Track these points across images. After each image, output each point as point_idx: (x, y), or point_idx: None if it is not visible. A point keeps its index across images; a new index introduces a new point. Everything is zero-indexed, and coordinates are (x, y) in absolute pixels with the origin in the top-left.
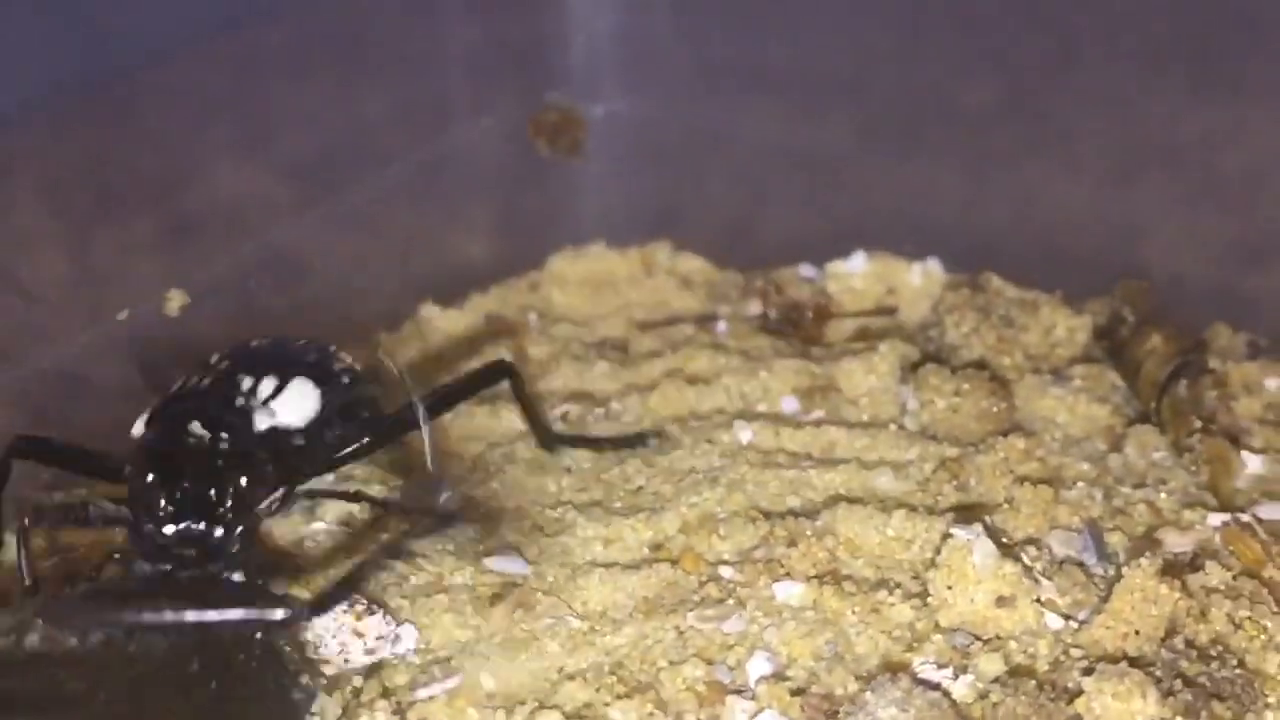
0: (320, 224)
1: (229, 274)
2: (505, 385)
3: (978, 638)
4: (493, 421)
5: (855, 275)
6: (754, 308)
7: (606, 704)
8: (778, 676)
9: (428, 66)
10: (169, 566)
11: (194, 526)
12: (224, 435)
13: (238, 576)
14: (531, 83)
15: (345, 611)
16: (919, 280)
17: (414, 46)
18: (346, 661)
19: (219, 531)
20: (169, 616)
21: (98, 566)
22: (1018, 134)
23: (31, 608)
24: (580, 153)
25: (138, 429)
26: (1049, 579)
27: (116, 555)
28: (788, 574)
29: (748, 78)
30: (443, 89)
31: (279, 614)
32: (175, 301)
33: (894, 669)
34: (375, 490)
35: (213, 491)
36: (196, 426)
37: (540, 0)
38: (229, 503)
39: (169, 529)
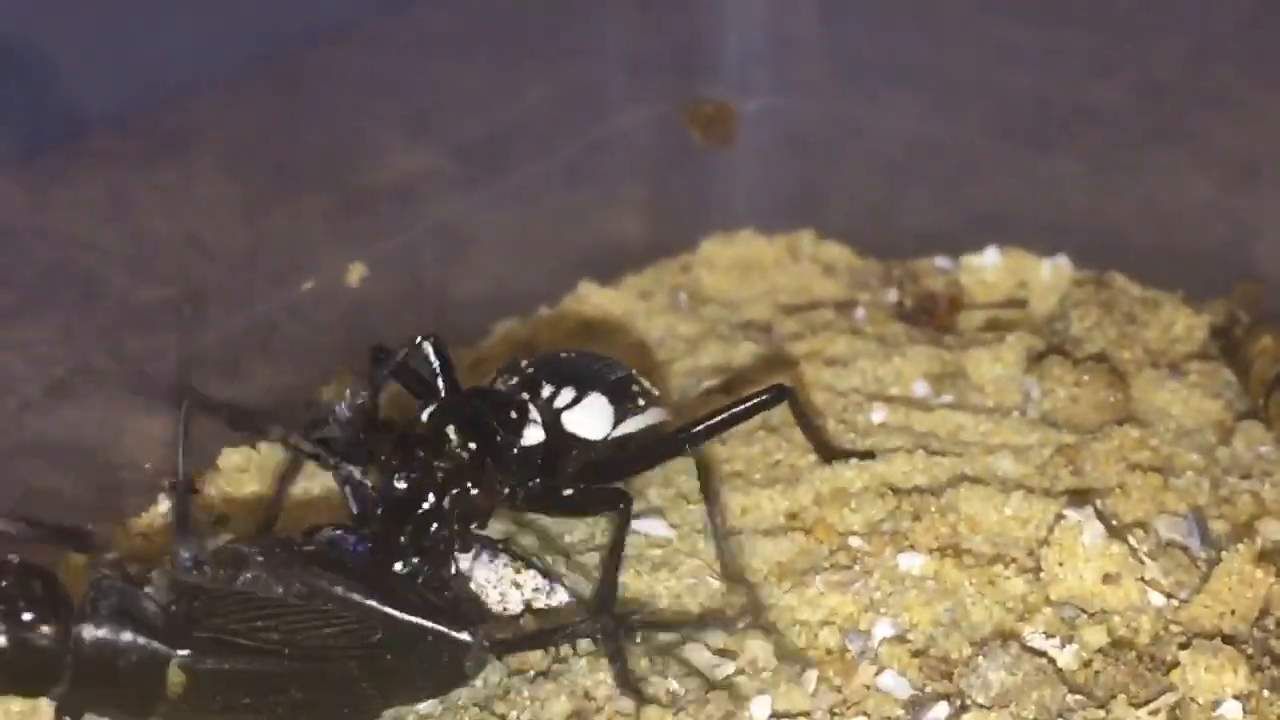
0: (486, 202)
1: (402, 248)
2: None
3: (1084, 611)
4: None
5: (988, 268)
6: (891, 296)
7: (738, 646)
8: (899, 639)
9: (590, 57)
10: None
11: (421, 523)
12: (488, 440)
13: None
14: (688, 75)
15: (505, 565)
16: (1048, 275)
17: (578, 37)
18: (505, 610)
19: (441, 532)
20: (370, 602)
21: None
22: (1147, 132)
23: (257, 549)
24: (732, 143)
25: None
26: (1154, 560)
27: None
28: (911, 546)
29: (890, 74)
30: (603, 78)
31: (465, 638)
32: (355, 273)
33: (1005, 636)
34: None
35: (444, 498)
36: (456, 428)
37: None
38: (456, 510)
39: (398, 515)
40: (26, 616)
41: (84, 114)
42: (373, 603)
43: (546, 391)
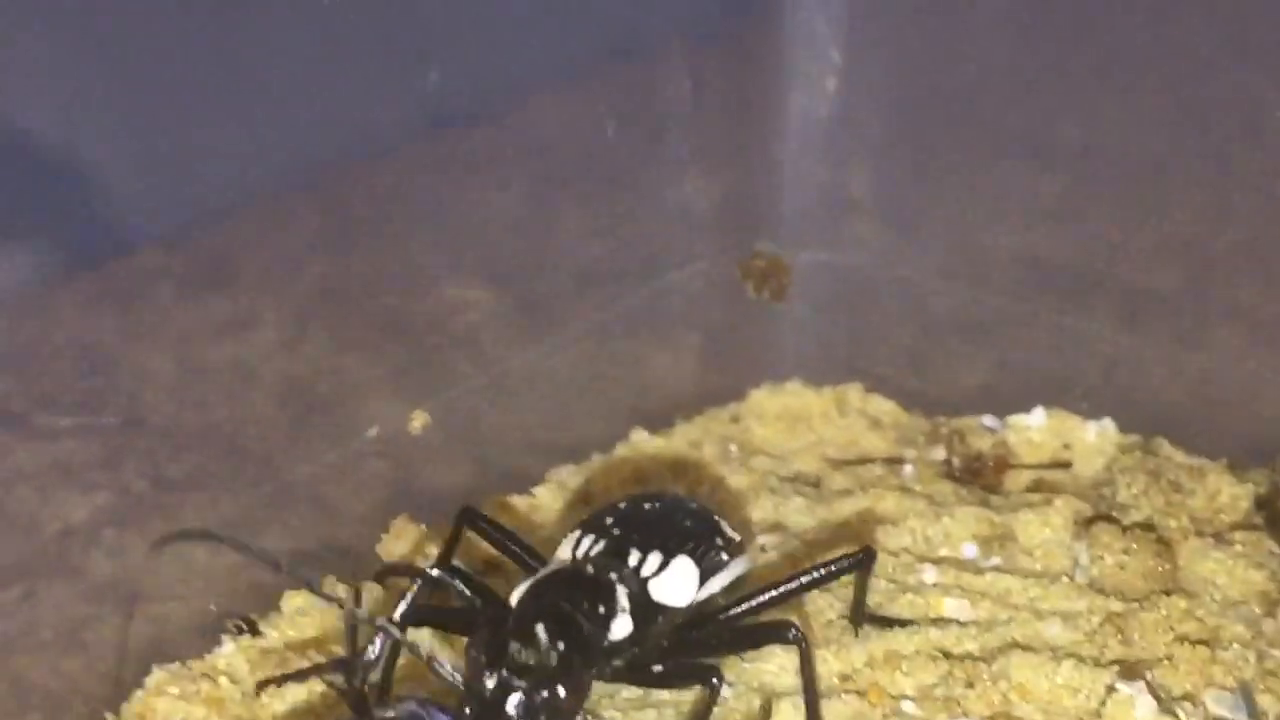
0: (544, 350)
1: (464, 396)
2: None
3: None
4: None
5: (1034, 429)
6: (939, 453)
7: None
8: None
9: (649, 210)
10: None
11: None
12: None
13: None
14: (743, 230)
15: None
16: (1093, 437)
17: (639, 191)
18: None
19: None
20: None
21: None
22: (1195, 303)
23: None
24: (784, 296)
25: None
26: None
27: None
28: (964, 713)
29: (940, 235)
30: (661, 231)
31: None
32: (418, 421)
33: None
34: None
35: (532, 699)
36: (545, 626)
37: (755, 159)
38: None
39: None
40: None
41: (132, 231)
42: None
43: (634, 560)
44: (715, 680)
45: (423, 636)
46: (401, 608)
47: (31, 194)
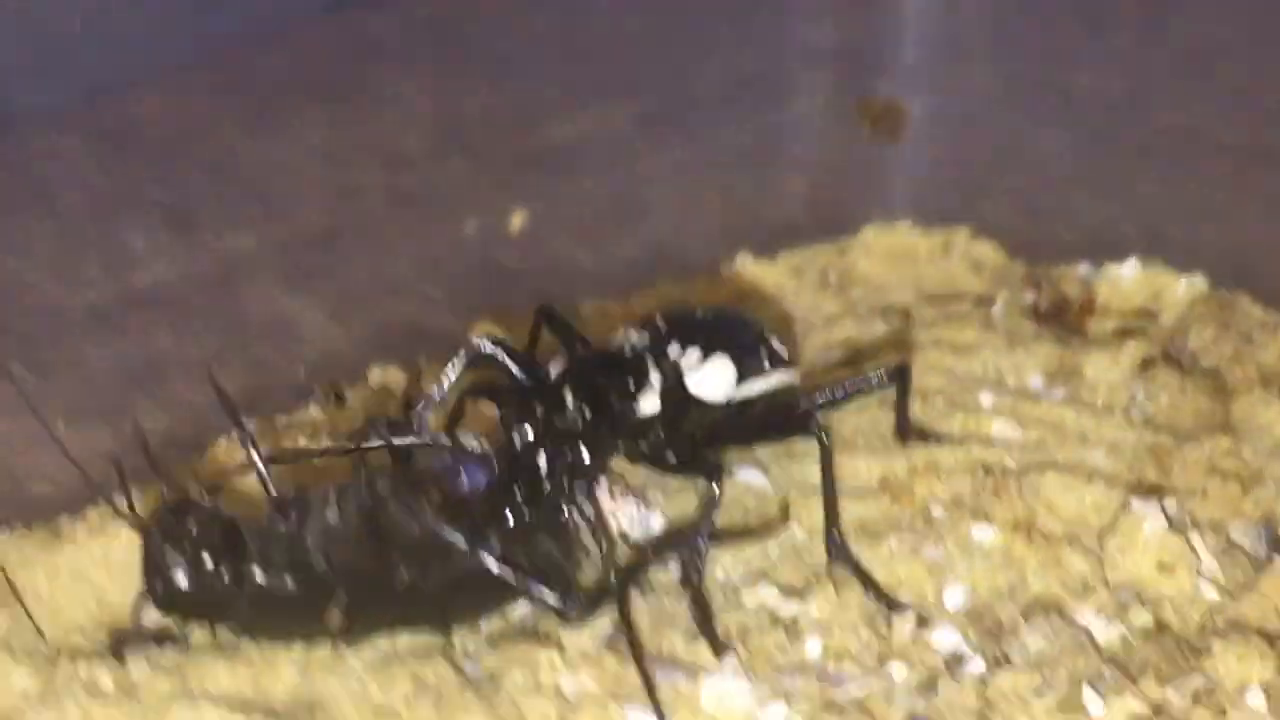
0: (658, 170)
1: (569, 203)
2: None
3: (1139, 596)
4: None
5: (1126, 279)
6: (1029, 296)
7: (807, 590)
8: (958, 602)
9: (772, 43)
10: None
11: (532, 481)
12: (604, 407)
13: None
14: (863, 70)
15: (604, 494)
16: (1183, 291)
17: (764, 23)
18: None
19: (550, 492)
20: (477, 559)
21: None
22: None
23: (389, 485)
24: (899, 138)
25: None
26: (1215, 558)
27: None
28: (987, 519)
29: (1054, 88)
30: (782, 65)
31: (553, 601)
32: (517, 220)
33: (1053, 609)
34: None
35: (556, 460)
36: (574, 393)
37: (882, 3)
38: (566, 472)
39: (511, 470)
40: (208, 563)
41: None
42: (479, 560)
43: (673, 351)
44: (715, 473)
45: None
46: (451, 377)
47: None
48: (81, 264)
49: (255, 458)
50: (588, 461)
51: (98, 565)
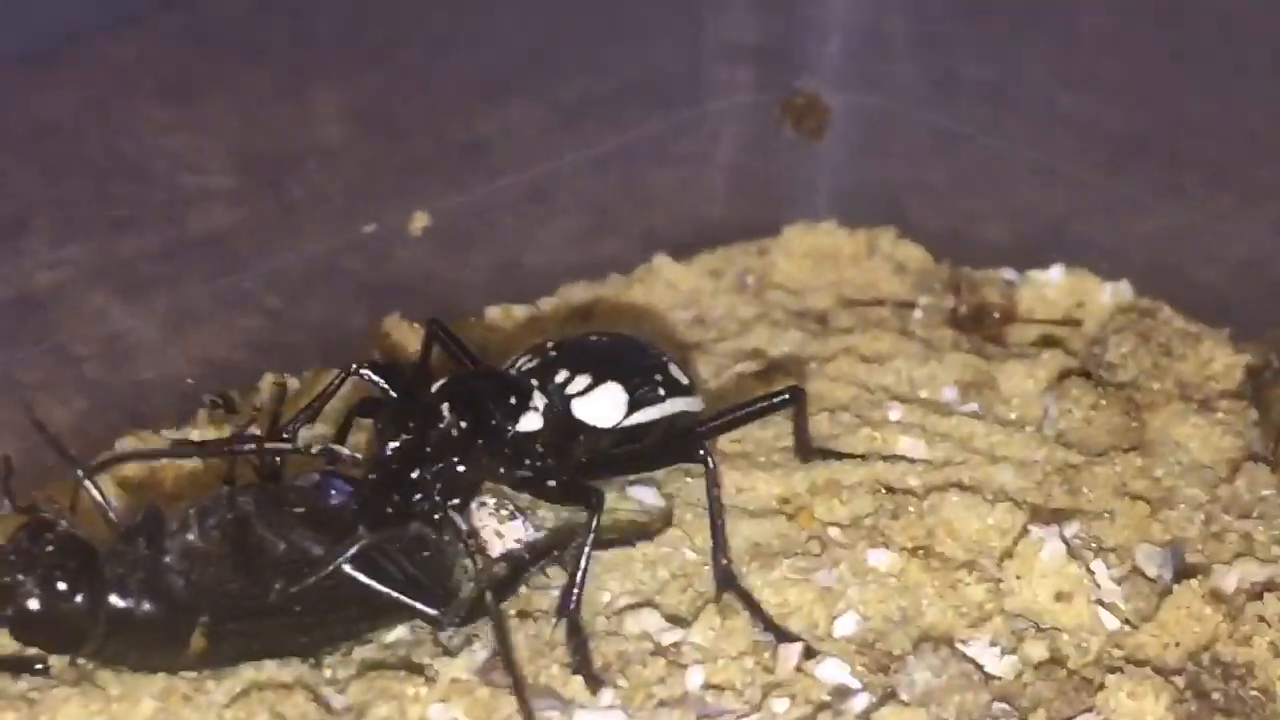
0: (570, 168)
1: (476, 202)
2: None
3: (1036, 625)
4: None
5: (1050, 285)
6: (949, 301)
7: (692, 616)
8: (847, 630)
9: (690, 38)
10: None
11: (405, 491)
12: (482, 421)
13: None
14: (784, 67)
15: (490, 514)
16: (1108, 298)
17: (681, 18)
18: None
19: (423, 504)
20: (354, 573)
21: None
22: (1218, 173)
23: (252, 501)
24: (822, 136)
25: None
26: (1118, 585)
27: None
28: (886, 543)
29: (981, 87)
30: (701, 61)
31: (431, 613)
32: (419, 223)
33: (947, 640)
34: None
35: (428, 470)
36: (451, 405)
37: None
38: (440, 483)
39: (384, 482)
40: (62, 587)
41: None
42: (356, 574)
43: (560, 377)
44: (595, 501)
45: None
46: (320, 400)
47: None
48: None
49: (88, 485)
50: (461, 473)
51: None
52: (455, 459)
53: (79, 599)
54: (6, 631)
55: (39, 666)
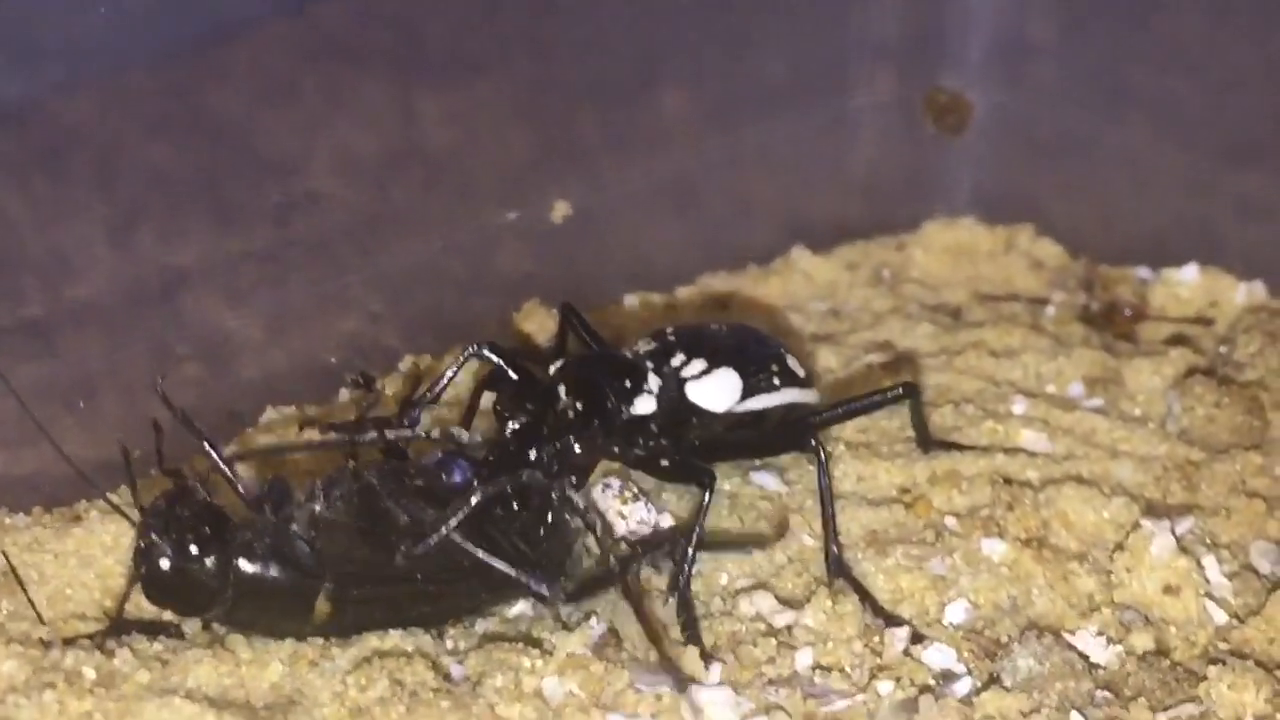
0: (712, 159)
1: (618, 192)
2: None
3: (1145, 617)
4: None
5: (1184, 284)
6: (1082, 298)
7: (805, 599)
8: (958, 617)
9: (836, 33)
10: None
11: (526, 452)
12: (598, 402)
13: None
14: (928, 64)
15: (614, 496)
16: (1242, 298)
17: (827, 13)
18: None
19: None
20: (471, 538)
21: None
22: None
23: (375, 475)
24: (963, 133)
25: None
26: (1228, 580)
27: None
28: (999, 533)
29: (1123, 87)
30: (846, 56)
31: (543, 590)
32: (560, 211)
33: (1052, 629)
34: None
35: (545, 449)
36: (568, 387)
37: None
38: (557, 463)
39: (502, 460)
40: (194, 550)
41: None
42: (469, 546)
43: (676, 361)
44: (708, 480)
45: None
46: (442, 382)
47: None
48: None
49: (216, 458)
50: (578, 453)
51: (107, 551)
52: (571, 439)
53: (209, 562)
54: (144, 596)
55: (173, 628)
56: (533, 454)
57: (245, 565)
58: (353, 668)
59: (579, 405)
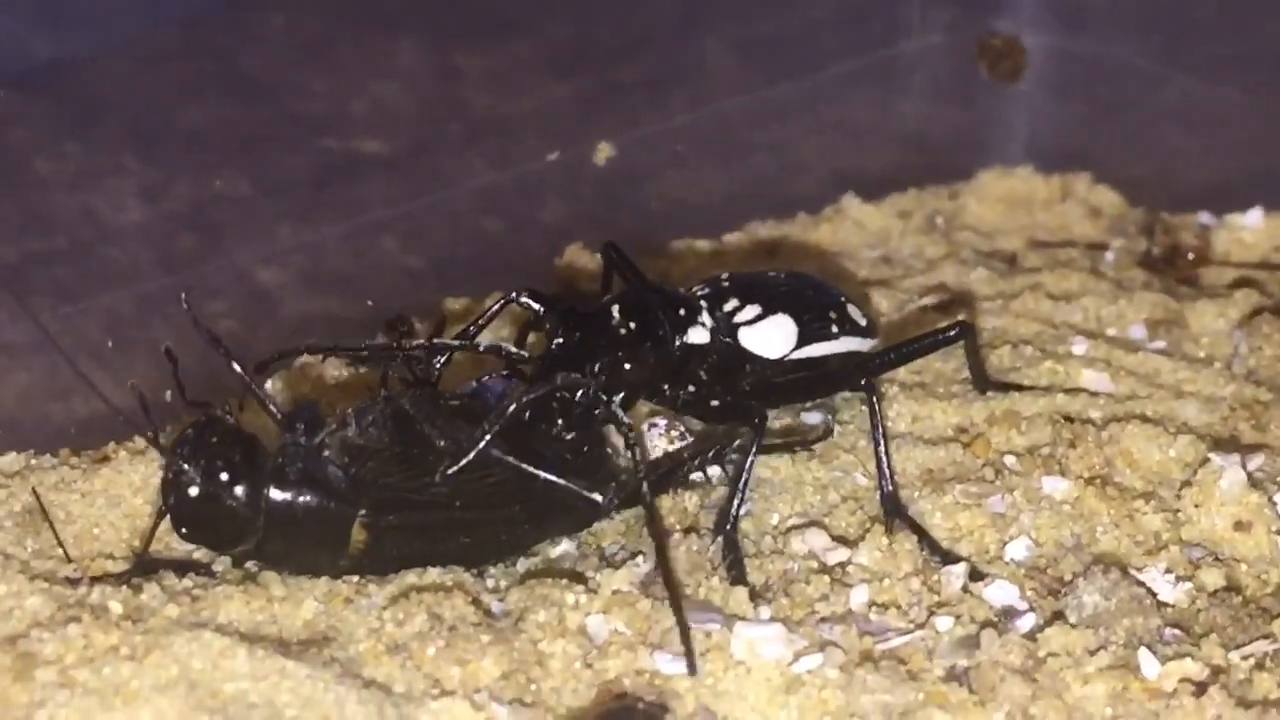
0: (757, 105)
1: (661, 135)
2: None
3: (1214, 555)
4: None
5: (1248, 229)
6: (1143, 243)
7: (859, 538)
8: (1018, 554)
9: None
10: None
11: (569, 385)
12: (649, 325)
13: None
14: (981, 8)
15: (660, 434)
16: None
17: None
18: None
19: (587, 397)
20: (509, 458)
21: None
22: None
23: (409, 401)
24: (1018, 79)
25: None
26: None
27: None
28: (1062, 471)
29: (1183, 29)
30: (897, 2)
31: (596, 498)
32: (603, 153)
33: (1117, 565)
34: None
35: (593, 364)
36: (620, 308)
37: None
38: (605, 379)
39: (549, 373)
40: (224, 477)
41: None
42: (512, 458)
43: (730, 305)
44: (758, 419)
45: None
46: (479, 323)
47: None
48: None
49: (245, 379)
50: (626, 370)
51: (135, 490)
52: (620, 355)
53: (239, 490)
54: (174, 533)
55: (204, 567)
56: (580, 369)
57: (277, 494)
58: (389, 603)
59: (631, 324)
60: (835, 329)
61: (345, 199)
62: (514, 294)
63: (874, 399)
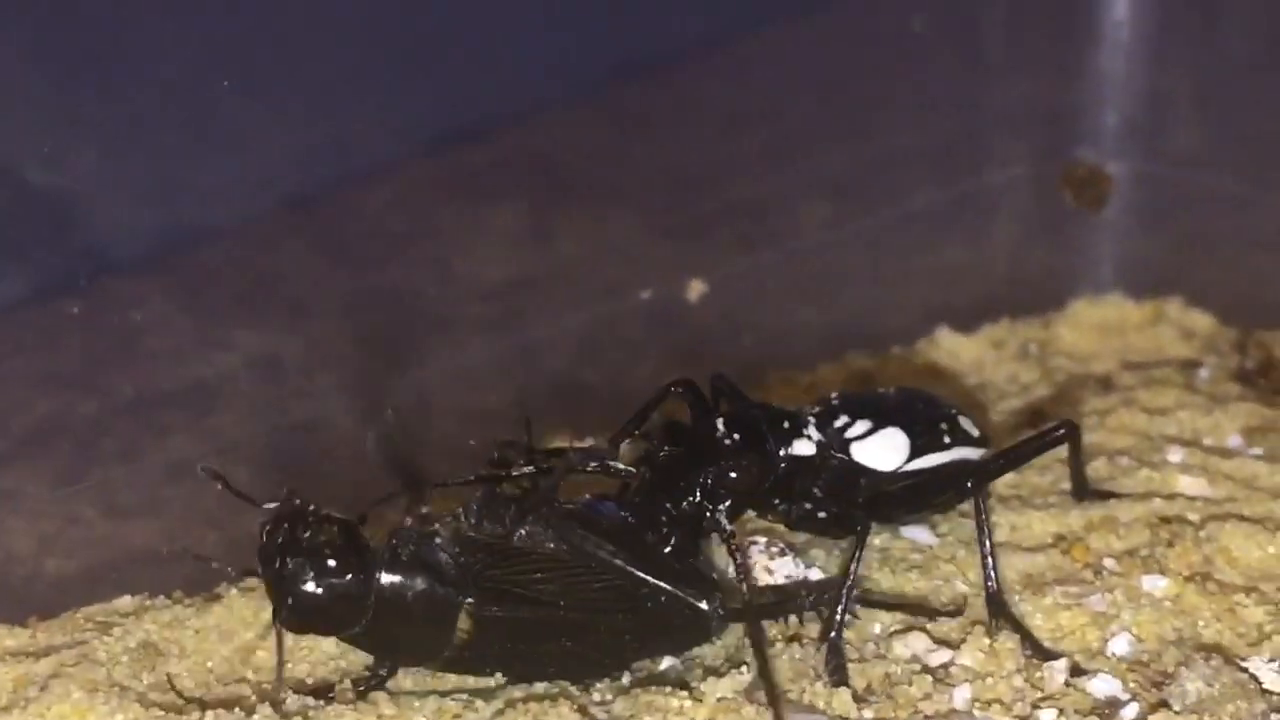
0: (849, 238)
1: (753, 271)
2: None
3: None
4: None
5: None
6: (1236, 359)
7: (961, 640)
8: (1120, 650)
9: (969, 110)
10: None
11: (677, 496)
12: (755, 438)
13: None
14: (1064, 137)
15: (760, 551)
16: None
17: (960, 90)
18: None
19: (694, 508)
20: (618, 561)
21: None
22: None
23: (528, 504)
24: (1103, 206)
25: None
26: None
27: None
28: (1162, 571)
29: (1265, 148)
30: (980, 132)
31: (703, 605)
32: (695, 290)
33: (1220, 655)
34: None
35: (700, 476)
36: (725, 421)
37: (1078, 64)
38: (711, 490)
39: (658, 486)
40: (332, 563)
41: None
42: (620, 562)
43: (840, 421)
44: (862, 526)
45: None
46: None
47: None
48: None
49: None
50: (732, 479)
51: (247, 625)
52: (725, 464)
53: (350, 574)
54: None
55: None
56: (687, 480)
57: (389, 575)
58: (495, 717)
59: (735, 436)
60: (948, 439)
61: (449, 371)
62: (671, 387)
63: (980, 500)
